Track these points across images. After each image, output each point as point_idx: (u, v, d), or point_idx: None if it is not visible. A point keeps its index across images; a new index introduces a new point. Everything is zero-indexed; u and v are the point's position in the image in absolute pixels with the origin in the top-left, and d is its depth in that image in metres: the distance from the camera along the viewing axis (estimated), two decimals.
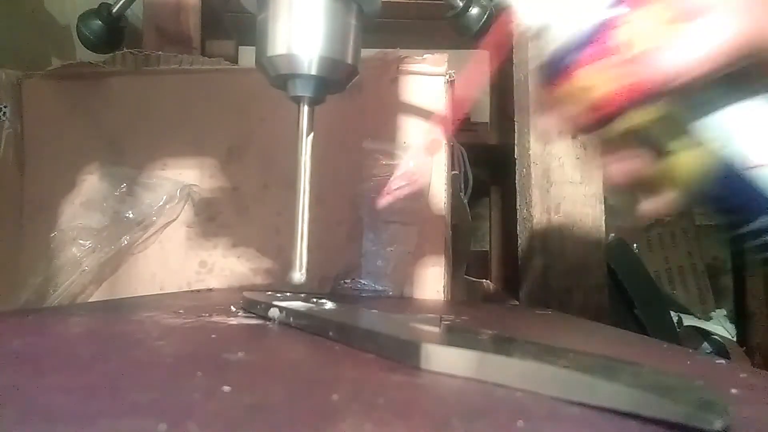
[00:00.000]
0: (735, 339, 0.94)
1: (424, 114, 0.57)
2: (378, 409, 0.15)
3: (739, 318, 0.96)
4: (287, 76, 0.34)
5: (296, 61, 0.33)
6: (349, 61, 0.35)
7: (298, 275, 0.32)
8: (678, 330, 0.90)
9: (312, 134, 0.34)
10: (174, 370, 0.19)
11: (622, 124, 0.28)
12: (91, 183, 0.58)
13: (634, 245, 1.18)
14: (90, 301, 0.56)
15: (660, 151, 0.29)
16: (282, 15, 0.33)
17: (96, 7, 0.51)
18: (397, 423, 0.14)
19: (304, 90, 0.34)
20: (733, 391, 0.19)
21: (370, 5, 0.36)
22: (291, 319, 0.29)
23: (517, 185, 0.72)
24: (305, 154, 0.34)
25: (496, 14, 0.48)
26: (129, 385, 0.17)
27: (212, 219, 0.58)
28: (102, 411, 0.14)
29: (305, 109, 0.34)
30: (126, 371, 0.19)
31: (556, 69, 0.29)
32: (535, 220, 0.66)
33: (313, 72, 0.33)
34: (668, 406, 0.15)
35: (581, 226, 0.66)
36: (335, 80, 0.35)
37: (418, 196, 0.55)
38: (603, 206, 0.66)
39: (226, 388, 0.16)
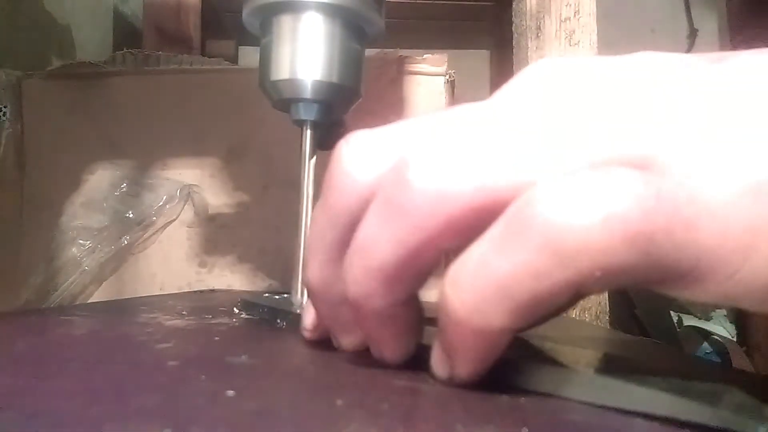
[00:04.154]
0: (735, 339, 0.94)
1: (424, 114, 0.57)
2: (382, 415, 0.15)
3: (739, 318, 0.96)
4: (290, 100, 0.34)
5: (299, 86, 0.34)
6: (353, 85, 0.35)
7: (299, 299, 0.33)
8: (678, 330, 0.90)
9: (315, 158, 0.35)
10: (178, 373, 0.19)
11: None
12: (91, 183, 0.58)
13: None
14: (91, 301, 0.56)
15: None
16: (285, 40, 0.34)
17: (95, 7, 0.51)
18: (402, 429, 0.14)
19: (307, 114, 0.34)
20: None
21: (374, 28, 0.36)
22: (295, 323, 0.29)
23: None
24: (308, 178, 0.34)
25: None
26: (133, 388, 0.17)
27: (212, 219, 0.58)
28: (106, 415, 0.14)
29: (308, 133, 0.35)
30: (130, 374, 0.19)
31: None
32: None
33: (316, 97, 0.34)
34: (707, 411, 0.14)
35: None
36: (339, 104, 0.35)
37: None
38: None
39: (230, 393, 0.16)
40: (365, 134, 0.20)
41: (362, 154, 0.19)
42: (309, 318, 0.24)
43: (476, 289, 0.16)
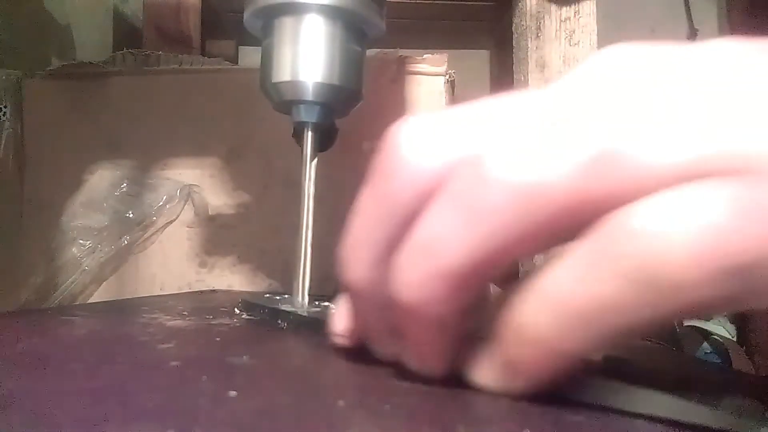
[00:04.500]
0: (735, 339, 0.94)
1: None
2: (384, 416, 0.15)
3: (739, 318, 0.96)
4: (291, 102, 0.34)
5: (301, 88, 0.34)
6: (353, 87, 0.35)
7: (299, 301, 0.33)
8: (678, 330, 0.90)
9: (316, 159, 0.35)
10: (180, 374, 0.19)
11: None
12: (91, 183, 0.58)
13: None
14: (91, 301, 0.56)
15: None
16: (287, 42, 0.34)
17: (95, 7, 0.51)
18: (403, 430, 0.14)
19: (308, 116, 0.34)
20: None
21: (374, 30, 0.36)
22: (297, 324, 0.29)
23: None
24: (309, 179, 0.34)
25: None
26: (135, 389, 0.17)
27: (212, 219, 0.58)
28: (109, 416, 0.14)
29: (309, 134, 0.35)
30: (132, 375, 0.19)
31: None
32: None
33: (318, 99, 0.34)
34: (707, 413, 0.14)
35: None
36: (340, 106, 0.35)
37: None
38: None
39: (232, 393, 0.16)
40: (425, 119, 0.18)
41: (425, 141, 0.17)
42: (342, 322, 0.22)
43: (558, 314, 0.15)
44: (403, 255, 0.17)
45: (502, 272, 0.17)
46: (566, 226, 0.15)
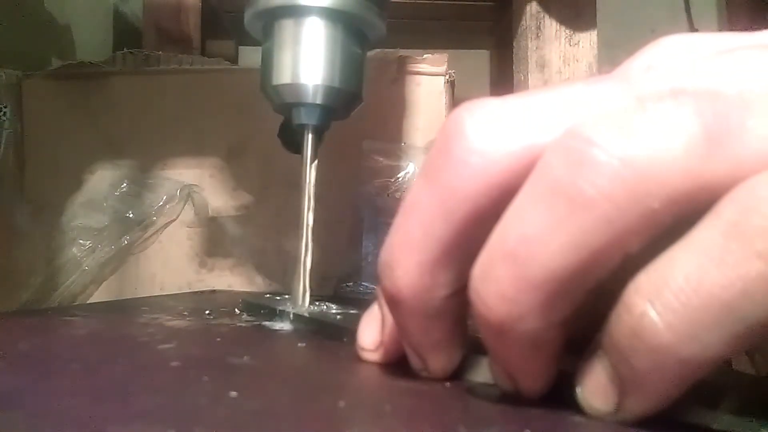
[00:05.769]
0: None
1: (424, 114, 0.58)
2: (385, 416, 0.15)
3: None
4: (292, 104, 0.34)
5: (301, 90, 0.34)
6: (354, 89, 0.35)
7: (299, 301, 0.33)
8: None
9: (316, 161, 0.35)
10: (180, 374, 0.19)
11: None
12: (91, 183, 0.58)
13: None
14: (91, 301, 0.56)
15: None
16: (287, 44, 0.34)
17: (95, 7, 0.51)
18: (404, 430, 0.14)
19: (308, 118, 0.34)
20: None
21: (375, 33, 0.36)
22: (299, 324, 0.29)
23: None
24: (309, 182, 0.34)
25: None
26: (136, 389, 0.17)
27: (212, 219, 0.58)
28: (110, 416, 0.14)
29: (309, 137, 0.35)
30: (133, 375, 0.19)
31: None
32: None
33: (318, 101, 0.34)
34: (708, 414, 0.14)
35: None
36: (340, 108, 0.35)
37: None
38: None
39: (233, 394, 0.16)
40: (491, 101, 0.15)
41: (497, 125, 0.15)
42: (370, 335, 0.20)
43: (692, 311, 0.12)
44: (485, 262, 0.14)
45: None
46: (681, 215, 0.13)
